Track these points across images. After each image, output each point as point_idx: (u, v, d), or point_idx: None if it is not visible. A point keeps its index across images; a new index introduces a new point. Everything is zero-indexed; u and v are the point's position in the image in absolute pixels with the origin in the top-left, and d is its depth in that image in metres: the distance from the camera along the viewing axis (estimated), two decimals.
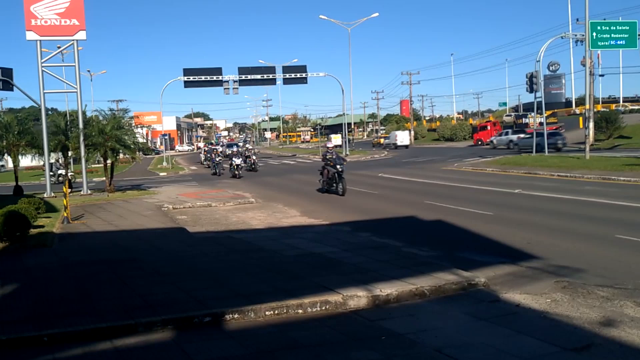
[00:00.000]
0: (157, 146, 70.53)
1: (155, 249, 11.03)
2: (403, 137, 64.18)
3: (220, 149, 44.21)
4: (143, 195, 21.91)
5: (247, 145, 44.62)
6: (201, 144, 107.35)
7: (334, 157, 20.56)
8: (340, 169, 19.73)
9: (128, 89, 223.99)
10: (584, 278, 7.78)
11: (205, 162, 45.48)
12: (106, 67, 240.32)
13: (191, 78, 46.60)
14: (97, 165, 32.94)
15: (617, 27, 31.08)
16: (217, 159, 35.39)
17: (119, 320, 6.38)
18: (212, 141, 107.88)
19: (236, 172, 31.24)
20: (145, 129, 34.19)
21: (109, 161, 23.54)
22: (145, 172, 43.55)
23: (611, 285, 7.31)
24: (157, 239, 12.26)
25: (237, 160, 31.91)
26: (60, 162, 29.95)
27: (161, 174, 40.80)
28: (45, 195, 21.89)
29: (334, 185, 20.04)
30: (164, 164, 49.92)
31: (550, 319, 6.32)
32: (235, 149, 48.81)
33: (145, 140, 30.85)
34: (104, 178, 24.88)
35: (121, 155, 24.43)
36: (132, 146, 23.30)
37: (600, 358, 5.16)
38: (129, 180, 32.44)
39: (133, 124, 24.70)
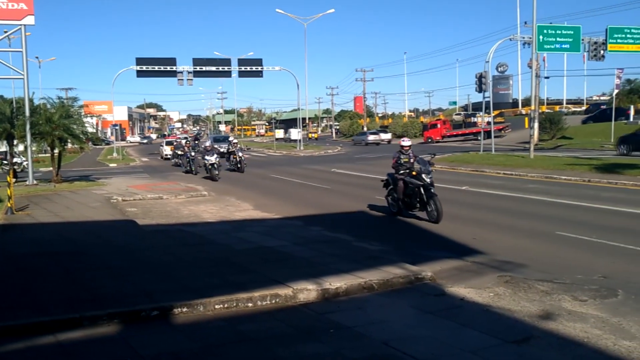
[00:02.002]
0: (108, 137, 68.79)
1: (103, 241, 10.80)
2: (295, 134, 71.67)
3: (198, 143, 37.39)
4: (91, 187, 21.38)
5: (231, 139, 34.58)
6: (153, 135, 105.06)
7: (412, 160, 13.12)
8: (428, 180, 12.41)
9: (78, 78, 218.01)
10: (525, 273, 8.08)
11: (174, 160, 36.54)
12: (56, 54, 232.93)
13: (144, 68, 45.56)
14: (44, 155, 31.95)
15: (563, 31, 32.17)
16: (192, 154, 28.98)
17: (63, 313, 6.23)
18: (174, 133, 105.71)
19: (214, 172, 24.90)
20: (95, 119, 33.24)
21: (56, 151, 22.80)
22: (94, 162, 42.48)
23: (551, 280, 7.61)
24: (105, 232, 12.00)
25: (211, 158, 25.32)
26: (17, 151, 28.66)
27: (111, 165, 39.89)
28: None
29: (418, 205, 12.80)
30: (114, 154, 48.81)
31: (493, 312, 6.54)
32: (208, 143, 34.38)
33: (94, 130, 29.90)
34: (51, 168, 24.14)
35: (69, 145, 23.74)
36: (80, 136, 22.66)
37: (539, 350, 5.37)
38: (77, 171, 31.58)
39: (82, 113, 24.00)
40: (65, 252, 9.78)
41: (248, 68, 48.20)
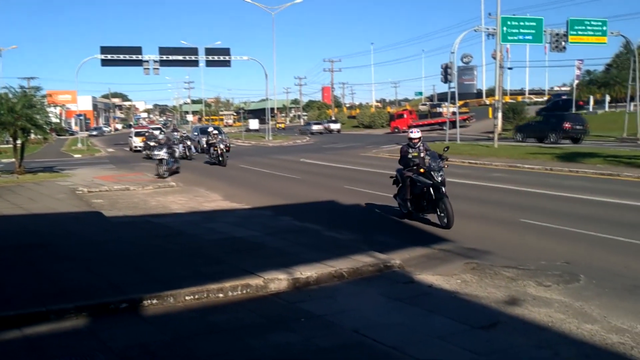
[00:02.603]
0: (72, 127, 67.22)
1: (69, 233, 10.60)
2: (254, 124, 77.02)
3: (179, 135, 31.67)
4: (56, 178, 20.94)
5: (210, 129, 30.52)
6: (119, 125, 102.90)
7: (423, 155, 11.30)
8: (439, 179, 10.64)
9: (41, 67, 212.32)
10: (491, 260, 8.26)
11: (145, 152, 32.09)
12: (17, 42, 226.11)
13: (109, 56, 44.64)
14: (6, 146, 31.10)
15: (526, 22, 32.76)
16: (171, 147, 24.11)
17: (29, 307, 6.11)
18: (140, 123, 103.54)
19: (160, 169, 21.54)
20: (58, 109, 32.42)
21: (19, 141, 22.22)
22: (58, 153, 41.57)
23: (516, 266, 7.80)
24: (71, 224, 11.77)
25: (160, 153, 21.90)
26: None
27: (75, 155, 39.06)
28: None
29: (427, 207, 11.01)
30: (79, 145, 47.81)
31: (460, 299, 6.68)
32: (162, 136, 28.55)
33: (58, 121, 29.08)
34: (14, 159, 23.54)
35: (32, 136, 23.16)
36: (44, 126, 22.11)
37: (506, 335, 5.51)
38: (40, 162, 30.82)
39: (45, 103, 23.41)
40: (30, 244, 9.56)
41: (216, 57, 47.70)
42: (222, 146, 26.39)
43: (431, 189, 10.59)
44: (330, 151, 34.40)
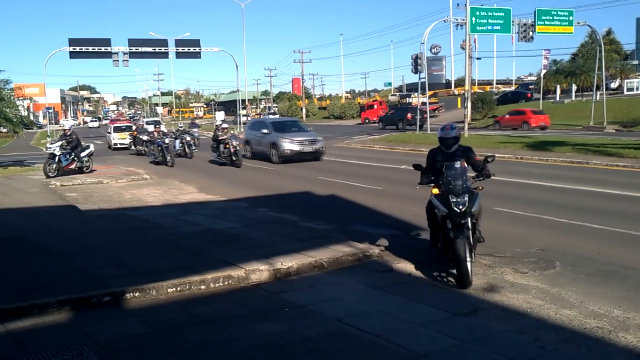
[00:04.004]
0: (40, 120, 65.81)
1: (45, 227, 10.45)
2: (220, 116, 72.35)
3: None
4: (27, 172, 20.55)
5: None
6: (68, 123, 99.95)
7: (459, 165, 7.15)
8: (459, 209, 6.88)
9: (7, 59, 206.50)
10: None
11: (135, 147, 29.65)
12: None
13: (77, 49, 43.62)
14: None
15: (494, 13, 33.12)
16: (167, 141, 23.45)
17: (10, 302, 6.05)
18: (110, 116, 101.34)
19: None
20: (26, 102, 31.67)
21: None
22: (27, 147, 40.70)
23: (492, 254, 7.98)
24: (46, 218, 11.58)
25: (177, 142, 24.14)
26: None
27: (45, 149, 38.28)
28: None
29: (444, 246, 7.42)
30: (48, 139, 46.84)
31: (440, 287, 6.82)
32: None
33: (26, 114, 28.35)
34: None
35: (1, 129, 22.65)
36: (14, 119, 21.67)
37: (486, 321, 5.66)
38: (10, 156, 30.15)
39: (13, 96, 22.89)
40: (6, 239, 9.42)
41: (185, 49, 46.98)
42: (235, 143, 21.70)
43: (448, 221, 6.90)
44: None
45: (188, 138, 27.03)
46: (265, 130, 22.91)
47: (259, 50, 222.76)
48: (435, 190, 7.18)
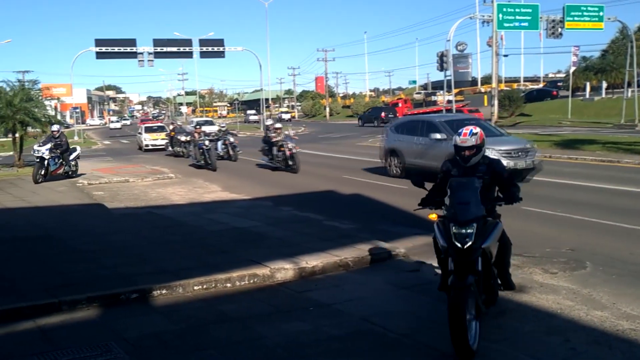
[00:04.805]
0: (67, 120, 66.93)
1: (73, 225, 10.60)
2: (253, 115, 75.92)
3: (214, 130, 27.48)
4: None
5: (270, 122, 25.44)
6: (114, 118, 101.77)
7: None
8: (465, 243, 4.93)
9: (36, 60, 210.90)
10: None
11: (173, 149, 27.73)
12: (11, 36, 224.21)
13: (103, 49, 44.36)
14: (5, 139, 30.98)
15: (522, 9, 32.72)
16: (207, 143, 21.33)
17: (41, 299, 6.15)
18: (135, 115, 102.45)
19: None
20: (54, 102, 32.21)
21: (17, 135, 22.19)
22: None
23: (520, 253, 7.82)
24: (74, 216, 11.76)
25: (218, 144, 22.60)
26: None
27: (33, 152, 38.84)
28: None
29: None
30: (75, 138, 47.65)
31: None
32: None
33: (54, 114, 28.83)
34: (12, 153, 23.48)
35: (30, 129, 23.09)
36: (42, 119, 22.07)
37: (515, 322, 5.56)
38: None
39: (41, 96, 23.33)
40: (36, 237, 9.60)
41: (210, 49, 47.46)
42: (290, 145, 18.98)
43: (450, 260, 5.16)
44: (326, 141, 34.37)
45: (232, 139, 24.47)
46: (437, 135, 14.92)
47: (282, 49, 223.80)
48: (434, 216, 5.43)
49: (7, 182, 17.41)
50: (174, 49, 46.77)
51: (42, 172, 17.18)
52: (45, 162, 17.31)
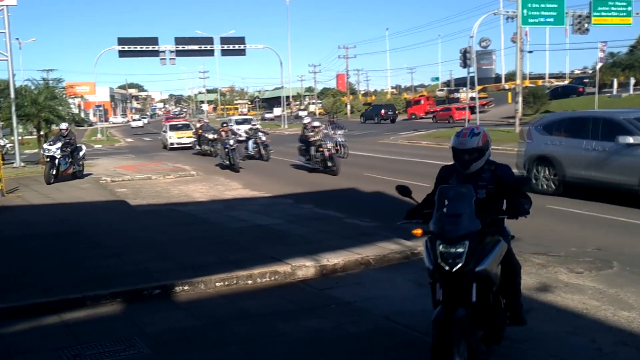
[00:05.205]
0: (91, 118, 67.84)
1: (97, 222, 10.74)
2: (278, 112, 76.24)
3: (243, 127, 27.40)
4: None
5: (307, 120, 21.27)
6: (136, 116, 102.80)
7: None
8: (454, 265, 4.04)
9: (59, 58, 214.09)
10: (519, 246, 8.07)
11: (200, 147, 27.09)
12: (35, 35, 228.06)
13: (126, 47, 44.84)
14: (30, 137, 31.55)
15: (547, 4, 32.11)
16: (232, 143, 20.00)
17: (66, 294, 6.24)
18: (157, 113, 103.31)
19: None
20: (78, 100, 32.64)
21: (42, 132, 22.56)
22: (79, 144, 41.97)
23: (545, 252, 7.73)
24: (98, 212, 11.93)
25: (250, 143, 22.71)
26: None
27: (96, 146, 39.42)
28: None
29: None
30: (99, 135, 48.28)
31: None
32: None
33: (78, 112, 29.25)
34: (36, 150, 23.84)
35: (54, 127, 23.45)
36: (66, 117, 22.41)
37: (540, 322, 5.47)
38: None
39: (65, 95, 23.70)
40: (60, 233, 9.75)
41: (231, 46, 47.67)
42: (329, 145, 17.77)
43: (438, 284, 4.31)
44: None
45: (264, 138, 23.51)
46: (629, 139, 10.84)
47: (303, 46, 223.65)
48: (418, 231, 4.41)
49: (31, 179, 17.69)
50: (196, 47, 47.03)
51: (54, 172, 16.61)
52: (56, 161, 16.70)
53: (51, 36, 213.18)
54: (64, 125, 18.46)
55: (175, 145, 31.55)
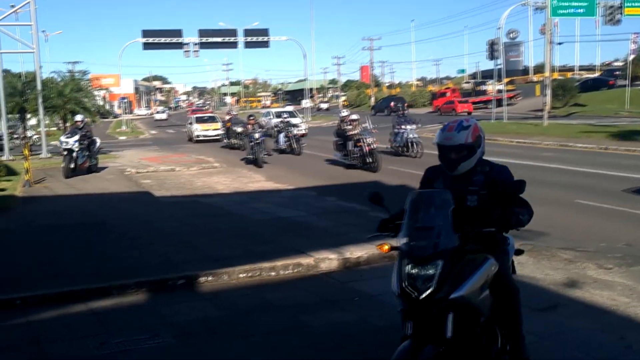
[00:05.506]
0: (115, 109, 68.76)
1: (122, 213, 10.88)
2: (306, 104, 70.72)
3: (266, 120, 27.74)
4: (104, 159, 21.37)
5: (345, 113, 19.91)
6: (160, 108, 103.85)
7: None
8: (423, 292, 3.30)
9: (84, 51, 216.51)
10: (547, 241, 8.03)
11: (228, 140, 26.44)
12: (61, 27, 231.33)
13: (150, 40, 45.25)
14: (55, 129, 32.13)
15: None
16: (257, 136, 19.20)
17: (93, 283, 6.33)
18: (180, 106, 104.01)
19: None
20: (103, 92, 33.09)
21: (68, 124, 22.92)
22: (104, 135, 42.46)
23: (573, 248, 7.58)
24: (123, 203, 12.10)
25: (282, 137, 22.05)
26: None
27: (120, 137, 39.91)
28: (3, 158, 21.24)
29: None
30: (123, 127, 48.84)
31: (517, 281, 6.51)
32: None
33: (103, 104, 29.68)
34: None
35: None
36: (92, 109, 22.74)
37: (567, 318, 5.38)
38: None
39: (91, 87, 24.05)
40: (87, 223, 9.88)
41: (254, 38, 47.70)
42: (369, 140, 16.66)
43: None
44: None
45: (295, 131, 22.80)
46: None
47: (327, 38, 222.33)
48: (385, 247, 3.77)
49: (57, 170, 17.91)
50: (219, 39, 47.19)
51: (72, 166, 16.07)
52: (74, 154, 16.18)
53: (77, 28, 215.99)
54: (79, 117, 18.09)
55: (201, 138, 31.17)
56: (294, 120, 28.11)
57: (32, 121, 25.20)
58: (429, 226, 3.46)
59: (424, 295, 3.26)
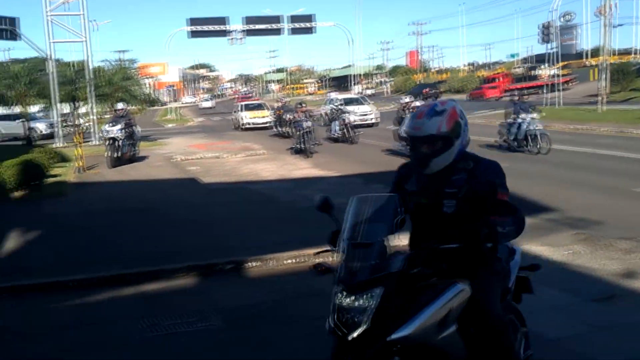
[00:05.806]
0: (164, 97, 70.09)
1: (171, 198, 11.09)
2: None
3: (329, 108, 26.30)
4: (153, 146, 21.91)
5: (407, 99, 18.68)
6: (206, 96, 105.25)
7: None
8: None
9: (132, 39, 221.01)
10: (602, 231, 7.73)
11: (279, 129, 25.43)
12: (110, 16, 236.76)
13: (196, 28, 45.74)
14: (105, 117, 32.99)
15: None
16: (309, 124, 18.12)
17: (143, 266, 6.47)
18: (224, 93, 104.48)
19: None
20: (150, 80, 33.69)
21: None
22: (151, 123, 43.36)
23: (631, 237, 7.26)
24: (172, 189, 12.32)
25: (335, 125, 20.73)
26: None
27: (168, 125, 40.64)
28: (55, 145, 21.92)
29: None
30: (170, 115, 49.67)
31: (571, 270, 6.32)
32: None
33: (150, 92, 30.24)
34: None
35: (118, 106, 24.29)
36: (140, 97, 23.21)
37: (624, 309, 5.18)
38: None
39: (139, 75, 24.53)
40: (137, 208, 10.11)
41: (299, 25, 47.40)
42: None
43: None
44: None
45: (351, 118, 21.65)
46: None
47: (373, 23, 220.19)
48: (321, 268, 3.34)
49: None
50: (264, 26, 47.15)
51: (116, 155, 15.67)
52: (117, 143, 15.74)
53: (125, 17, 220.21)
54: (120, 105, 17.80)
55: (251, 125, 30.33)
56: (362, 109, 27.19)
57: (82, 109, 25.81)
58: (367, 242, 2.73)
59: (353, 335, 2.56)
